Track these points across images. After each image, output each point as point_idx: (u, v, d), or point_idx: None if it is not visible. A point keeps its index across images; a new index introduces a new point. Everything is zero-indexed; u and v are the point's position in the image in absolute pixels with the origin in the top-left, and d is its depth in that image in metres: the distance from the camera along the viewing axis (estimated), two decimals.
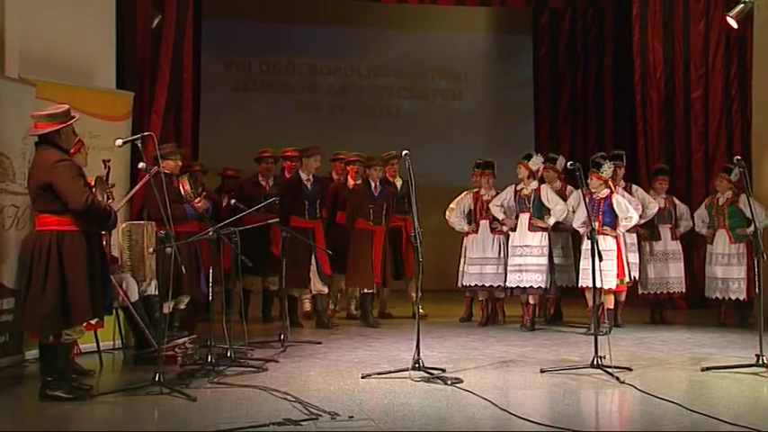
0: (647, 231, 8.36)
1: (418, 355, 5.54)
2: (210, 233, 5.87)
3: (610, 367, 5.53)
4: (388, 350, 6.67)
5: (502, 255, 8.35)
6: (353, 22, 12.82)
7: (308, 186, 8.00)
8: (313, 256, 7.79)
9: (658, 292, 8.47)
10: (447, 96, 13.56)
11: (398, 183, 8.63)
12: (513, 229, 8.17)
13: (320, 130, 11.74)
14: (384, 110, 13.12)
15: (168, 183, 6.28)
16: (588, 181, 7.69)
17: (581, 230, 7.84)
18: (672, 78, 10.43)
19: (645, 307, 8.66)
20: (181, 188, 6.95)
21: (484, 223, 8.54)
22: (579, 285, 7.74)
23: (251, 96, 12.57)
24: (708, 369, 5.75)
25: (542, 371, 5.68)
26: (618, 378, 5.37)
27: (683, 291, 8.57)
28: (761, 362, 5.68)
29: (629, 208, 7.70)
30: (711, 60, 10.25)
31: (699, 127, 10.31)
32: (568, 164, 6.20)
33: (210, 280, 5.91)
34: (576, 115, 12.99)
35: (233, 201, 7.20)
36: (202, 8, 11.44)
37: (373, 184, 8.11)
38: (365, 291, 8.14)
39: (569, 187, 8.53)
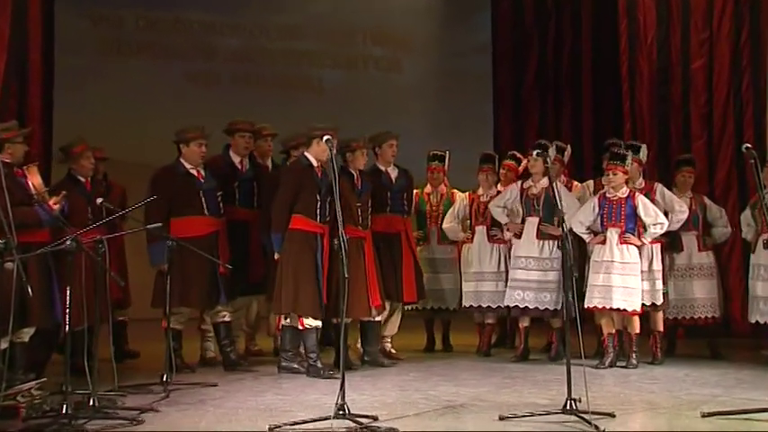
0: (666, 240, 8.32)
1: (343, 399, 5.53)
2: (68, 242, 5.74)
3: (587, 413, 5.56)
4: (305, 393, 6.64)
5: (502, 268, 8.52)
6: None
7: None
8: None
9: (679, 317, 8.51)
10: (382, 66, 13.58)
11: (393, 172, 8.47)
12: (518, 236, 8.25)
13: (217, 106, 11.59)
14: (301, 82, 13.10)
15: (9, 176, 6.14)
16: (606, 175, 7.85)
17: (586, 238, 7.99)
18: (667, 44, 10.60)
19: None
20: (30, 184, 6.77)
21: (480, 229, 8.66)
22: (587, 305, 7.87)
23: (124, 62, 12.42)
24: (710, 415, 5.81)
25: (501, 418, 5.70)
26: (597, 427, 5.40)
27: (716, 315, 8.52)
28: None
29: (658, 212, 7.87)
30: (717, 22, 10.42)
31: (700, 106, 10.49)
32: (534, 153, 6.26)
33: (69, 305, 5.77)
34: (546, 91, 13.15)
35: (99, 200, 7.08)
36: None
37: (355, 175, 7.94)
38: (364, 319, 7.92)
39: (575, 183, 8.61)
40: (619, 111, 11.13)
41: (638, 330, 7.93)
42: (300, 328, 7.41)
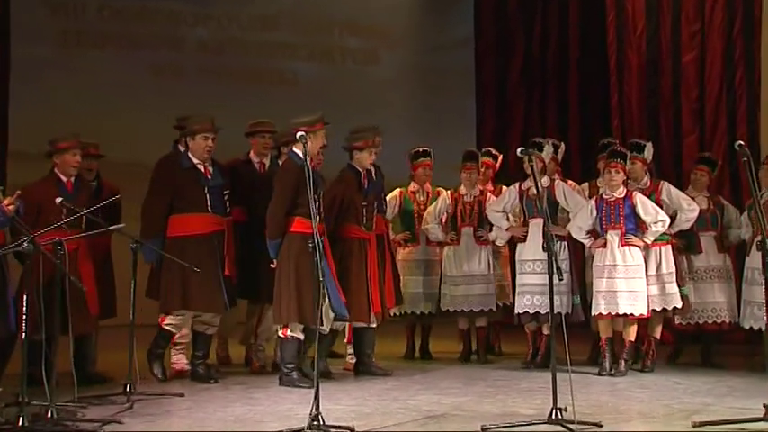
0: (682, 242, 8.35)
1: (317, 409, 5.50)
2: (25, 245, 5.72)
3: (573, 423, 5.56)
4: (277, 403, 6.62)
5: (491, 271, 8.57)
6: None
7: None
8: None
9: (701, 322, 8.48)
10: (360, 59, 13.56)
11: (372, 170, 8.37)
12: (522, 240, 8.27)
13: (185, 100, 11.49)
14: (274, 75, 13.06)
15: None
16: (607, 174, 7.87)
17: (587, 242, 8.05)
18: (656, 36, 10.65)
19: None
20: None
21: (467, 231, 8.66)
22: (594, 313, 7.93)
23: (86, 53, 12.33)
24: (701, 424, 5.81)
25: (484, 429, 5.68)
26: None
27: (735, 321, 8.47)
28: None
29: (658, 209, 7.91)
30: (709, 13, 10.47)
31: (692, 101, 10.55)
32: (518, 151, 6.24)
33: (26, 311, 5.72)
34: (532, 85, 13.16)
35: (59, 199, 7.01)
36: None
37: (363, 173, 7.91)
38: (361, 325, 7.89)
39: (569, 182, 8.60)
40: (606, 106, 11.16)
41: (632, 338, 7.96)
42: (282, 336, 7.36)
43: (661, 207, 8.06)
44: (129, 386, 6.63)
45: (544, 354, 8.17)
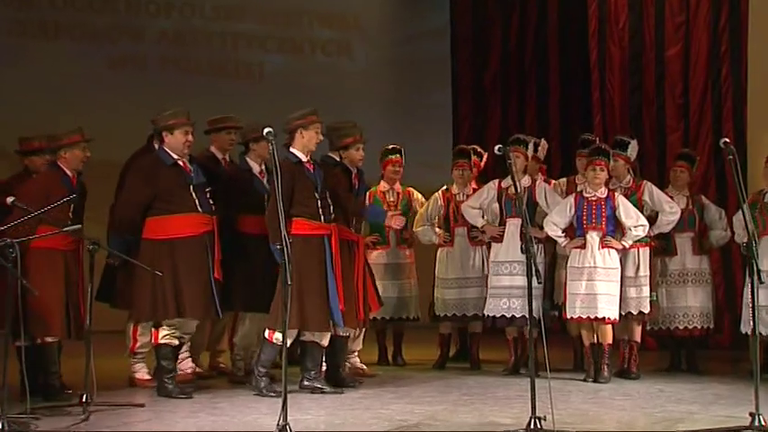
0: (661, 243, 8.41)
1: (285, 419, 5.48)
2: None
3: None
4: (243, 414, 6.60)
5: (486, 272, 8.60)
6: None
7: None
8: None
9: (672, 327, 8.56)
10: (331, 50, 13.55)
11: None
12: (498, 240, 8.28)
13: (145, 94, 11.55)
14: (240, 68, 13.07)
15: None
16: (591, 171, 7.91)
17: (561, 241, 8.06)
18: (639, 29, 10.71)
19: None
20: None
21: (461, 232, 8.70)
22: (569, 316, 7.98)
23: (39, 45, 12.29)
24: None
25: None
26: None
27: (711, 326, 8.58)
28: (757, 422, 5.83)
29: (639, 213, 7.97)
30: (694, 5, 10.55)
31: (676, 97, 10.62)
32: (496, 149, 6.28)
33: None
34: (510, 79, 13.22)
35: (10, 199, 6.97)
36: None
37: (354, 172, 7.86)
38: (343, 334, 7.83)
39: (553, 181, 8.64)
40: (588, 101, 11.21)
41: (610, 341, 8.00)
42: (267, 338, 7.32)
43: (642, 208, 8.14)
44: (85, 397, 6.54)
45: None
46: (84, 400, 6.56)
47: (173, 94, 11.29)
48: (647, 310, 8.12)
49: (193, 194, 7.33)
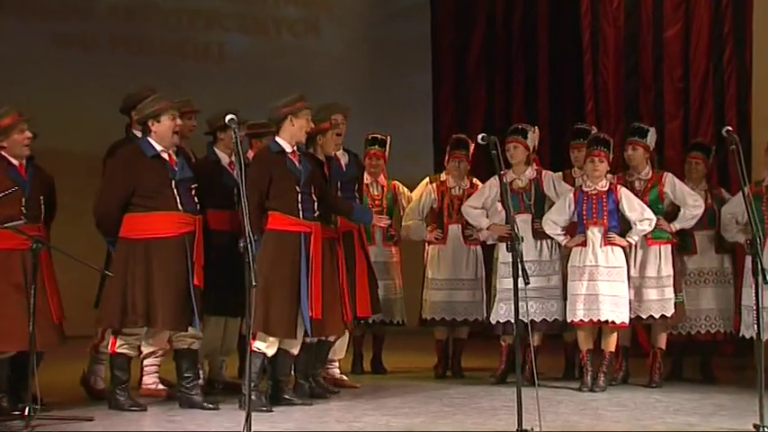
0: (679, 241, 8.38)
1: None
2: None
3: None
4: (201, 427, 6.60)
5: (479, 274, 8.60)
6: None
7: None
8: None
9: (693, 332, 8.53)
10: (298, 30, 13.53)
11: (343, 158, 8.31)
12: (506, 239, 8.24)
13: (94, 76, 11.56)
14: (198, 49, 13.07)
15: None
16: (589, 163, 7.93)
17: (561, 240, 8.10)
18: (636, 8, 10.72)
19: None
20: None
21: (454, 229, 8.71)
22: (570, 319, 8.01)
23: None
24: None
25: None
26: None
27: (731, 330, 8.54)
28: None
29: (644, 206, 8.00)
30: None
31: (675, 81, 10.64)
32: (479, 138, 6.25)
33: None
34: (496, 62, 13.22)
35: None
36: None
37: (325, 163, 7.85)
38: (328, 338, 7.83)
39: (545, 172, 8.59)
40: (579, 87, 11.23)
41: (613, 348, 8.03)
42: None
43: (663, 200, 8.16)
44: (28, 409, 6.50)
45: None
46: (26, 412, 6.53)
47: (124, 75, 11.21)
48: (670, 313, 8.13)
49: (175, 191, 7.18)
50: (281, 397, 7.35)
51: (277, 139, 7.39)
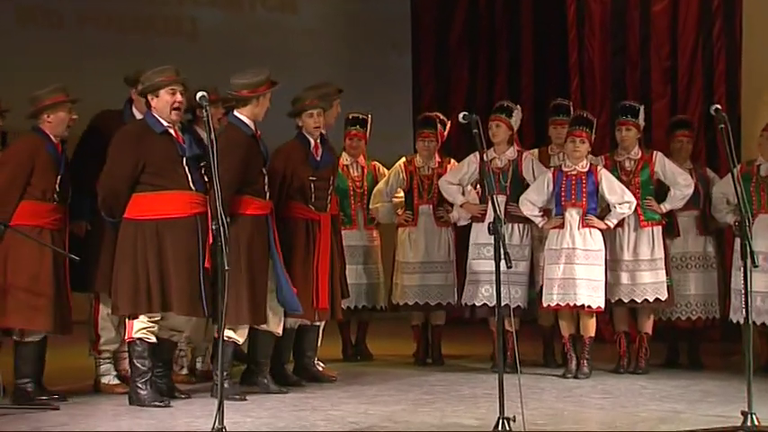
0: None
1: (221, 422, 5.47)
2: None
3: None
4: (174, 417, 6.60)
5: (452, 257, 8.60)
6: None
7: None
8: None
9: (673, 318, 8.58)
10: (273, 5, 13.48)
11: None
12: (479, 219, 8.28)
13: (60, 55, 11.50)
14: (169, 24, 13.03)
15: None
16: (570, 143, 7.96)
17: (538, 221, 8.12)
18: None
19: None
20: None
21: (425, 210, 8.72)
22: (545, 303, 8.05)
23: None
24: None
25: None
26: None
27: (717, 317, 8.61)
28: (750, 422, 5.88)
29: (624, 189, 8.03)
30: None
31: (663, 59, 10.64)
32: (460, 116, 6.23)
33: None
34: (478, 39, 13.20)
35: None
36: None
37: (313, 142, 7.83)
38: (302, 323, 7.84)
39: (527, 155, 8.58)
40: (564, 64, 11.22)
41: (592, 333, 8.07)
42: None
43: (654, 181, 8.17)
44: None
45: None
46: None
47: (91, 52, 11.20)
48: (664, 297, 8.16)
49: (186, 169, 7.07)
50: (258, 380, 7.35)
51: (242, 118, 7.32)
